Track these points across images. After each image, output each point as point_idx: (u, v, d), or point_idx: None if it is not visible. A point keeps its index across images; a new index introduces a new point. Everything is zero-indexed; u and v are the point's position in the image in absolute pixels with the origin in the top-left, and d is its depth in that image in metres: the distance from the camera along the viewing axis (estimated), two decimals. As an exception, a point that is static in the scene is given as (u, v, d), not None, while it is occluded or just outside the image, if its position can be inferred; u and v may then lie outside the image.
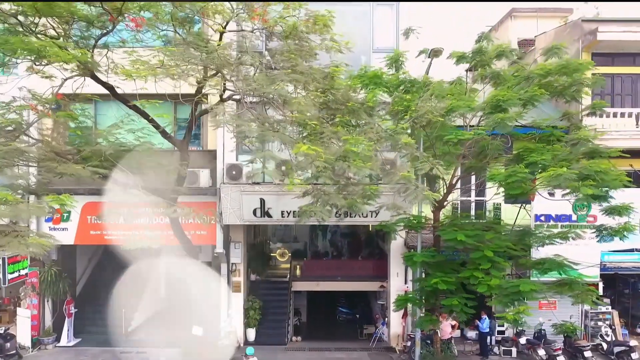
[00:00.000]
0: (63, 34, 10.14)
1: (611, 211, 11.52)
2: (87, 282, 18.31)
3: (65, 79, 10.09)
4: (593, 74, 15.75)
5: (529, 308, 11.08)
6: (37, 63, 8.94)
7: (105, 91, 10.85)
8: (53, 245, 8.78)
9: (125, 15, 10.42)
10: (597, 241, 12.62)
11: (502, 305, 11.63)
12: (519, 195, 11.23)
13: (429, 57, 12.35)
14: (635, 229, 12.02)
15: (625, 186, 11.12)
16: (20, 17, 9.43)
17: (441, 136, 11.11)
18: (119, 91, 10.76)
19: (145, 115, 11.39)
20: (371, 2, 15.48)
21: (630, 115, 15.87)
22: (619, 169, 14.63)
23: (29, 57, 8.74)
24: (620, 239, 11.97)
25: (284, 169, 10.87)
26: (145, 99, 10.27)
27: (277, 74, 9.38)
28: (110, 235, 15.68)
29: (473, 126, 12.37)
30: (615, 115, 15.81)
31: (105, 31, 10.64)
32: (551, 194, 12.95)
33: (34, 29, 9.47)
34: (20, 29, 9.28)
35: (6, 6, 9.34)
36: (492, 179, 11.03)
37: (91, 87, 10.93)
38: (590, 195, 9.89)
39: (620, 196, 11.95)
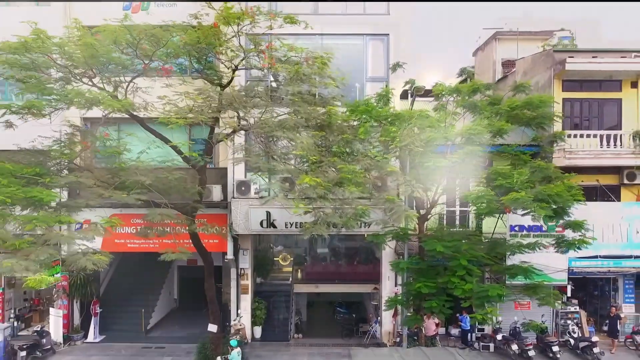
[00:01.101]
0: (102, 78, 12.07)
1: (568, 226, 13.45)
2: (109, 284, 20.19)
3: (106, 114, 11.97)
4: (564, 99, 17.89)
5: (497, 309, 13.00)
6: (89, 109, 10.84)
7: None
8: (109, 259, 10.63)
9: (154, 59, 12.40)
10: (556, 251, 14.54)
11: (475, 306, 13.55)
12: (488, 213, 13.18)
13: (411, 95, 14.30)
14: (590, 242, 13.94)
15: (580, 202, 13.04)
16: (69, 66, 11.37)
17: (422, 162, 13.03)
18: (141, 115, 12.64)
19: (166, 140, 13.30)
20: (365, 36, 17.40)
21: (595, 136, 17.78)
22: (586, 184, 16.81)
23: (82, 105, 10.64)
24: (575, 250, 13.90)
25: (287, 185, 12.87)
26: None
27: (285, 120, 11.31)
28: (133, 243, 17.56)
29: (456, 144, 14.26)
30: (582, 136, 17.71)
31: (137, 74, 12.58)
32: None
33: (79, 78, 11.39)
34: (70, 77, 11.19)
35: (59, 60, 11.24)
36: (465, 199, 12.95)
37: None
38: (546, 214, 11.82)
39: (585, 208, 13.89)
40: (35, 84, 10.46)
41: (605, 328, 18.21)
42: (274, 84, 14.90)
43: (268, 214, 16.45)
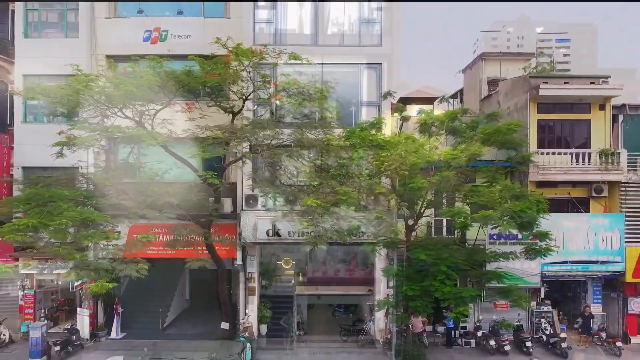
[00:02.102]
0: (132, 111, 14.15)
1: (535, 236, 15.53)
2: (129, 286, 22.22)
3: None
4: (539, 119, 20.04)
5: (468, 309, 15.09)
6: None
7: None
8: (147, 267, 12.68)
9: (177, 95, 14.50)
10: (525, 258, 16.62)
11: (453, 306, 15.59)
12: (463, 227, 15.25)
13: (401, 123, 16.37)
14: (555, 250, 16.02)
15: (543, 217, 15.15)
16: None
17: (408, 182, 15.07)
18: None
19: (186, 163, 15.38)
20: (359, 65, 19.44)
21: (566, 154, 19.85)
22: (559, 197, 18.92)
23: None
24: (541, 257, 15.98)
25: (290, 197, 14.96)
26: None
27: (291, 151, 13.40)
28: (152, 250, 19.55)
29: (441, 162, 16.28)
30: (554, 154, 19.78)
31: (162, 106, 14.65)
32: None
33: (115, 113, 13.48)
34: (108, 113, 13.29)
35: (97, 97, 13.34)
36: (443, 215, 15.01)
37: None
38: (511, 228, 13.89)
39: (557, 219, 15.93)
40: (83, 122, 12.53)
41: (576, 326, 20.33)
42: (280, 110, 16.96)
43: (273, 225, 18.43)
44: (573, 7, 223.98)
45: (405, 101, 23.79)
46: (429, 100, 24.74)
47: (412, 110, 18.31)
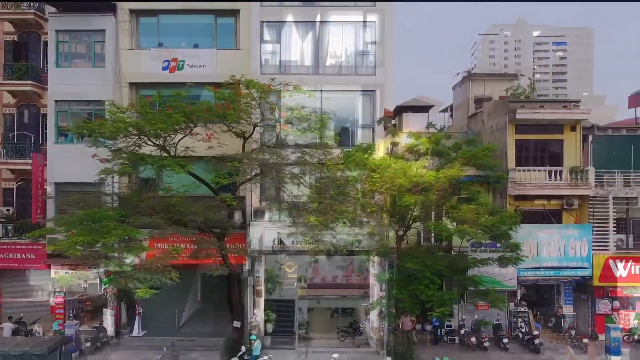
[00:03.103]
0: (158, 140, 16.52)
1: (507, 246, 17.89)
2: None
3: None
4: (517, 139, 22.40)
5: (452, 310, 17.44)
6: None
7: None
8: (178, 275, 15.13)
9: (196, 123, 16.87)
10: (498, 265, 18.97)
11: (436, 307, 17.90)
12: (445, 238, 17.61)
13: (391, 147, 18.73)
14: (523, 260, 18.41)
15: (513, 230, 17.57)
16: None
17: (397, 200, 17.40)
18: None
19: (205, 183, 17.74)
20: (355, 92, 21.78)
21: (541, 170, 22.18)
22: (535, 209, 21.29)
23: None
24: (513, 265, 18.34)
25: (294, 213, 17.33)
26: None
27: (294, 175, 15.78)
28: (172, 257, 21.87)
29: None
30: (529, 170, 22.12)
31: (184, 135, 17.02)
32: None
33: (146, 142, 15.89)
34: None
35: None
36: (427, 228, 17.37)
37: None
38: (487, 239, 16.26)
39: (533, 230, 18.45)
40: (119, 152, 14.98)
41: (550, 325, 22.70)
42: (285, 135, 19.35)
43: (279, 238, 20.72)
44: (569, 10, 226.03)
45: (402, 109, 26.29)
46: (425, 109, 27.29)
47: (407, 122, 20.67)
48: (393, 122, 28.16)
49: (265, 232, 20.98)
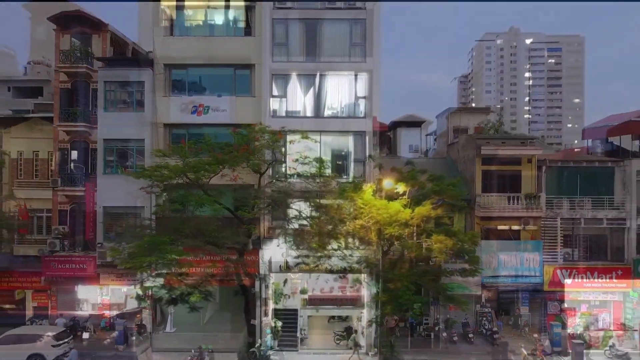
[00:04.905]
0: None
1: (467, 260, 22.71)
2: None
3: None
4: (483, 170, 27.14)
5: (418, 311, 22.30)
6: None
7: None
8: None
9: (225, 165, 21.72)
10: (460, 276, 23.73)
11: (410, 308, 22.67)
12: (418, 256, 22.47)
13: (377, 187, 23.55)
14: (480, 271, 23.21)
15: (473, 246, 22.45)
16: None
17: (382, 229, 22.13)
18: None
19: (230, 211, 22.58)
20: (349, 133, 26.57)
21: (502, 196, 26.98)
22: (501, 228, 26.04)
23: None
24: (471, 277, 23.16)
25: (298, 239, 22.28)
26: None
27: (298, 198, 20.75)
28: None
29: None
30: (492, 196, 26.92)
31: (214, 174, 21.87)
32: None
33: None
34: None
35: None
36: (405, 247, 22.20)
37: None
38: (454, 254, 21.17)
39: (496, 245, 23.62)
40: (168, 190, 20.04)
41: (510, 323, 27.52)
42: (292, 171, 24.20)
43: (286, 259, 25.44)
44: (560, 18, 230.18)
45: (396, 124, 31.16)
46: (417, 124, 32.15)
47: (401, 135, 25.51)
48: (388, 134, 33.25)
49: (275, 252, 25.62)
